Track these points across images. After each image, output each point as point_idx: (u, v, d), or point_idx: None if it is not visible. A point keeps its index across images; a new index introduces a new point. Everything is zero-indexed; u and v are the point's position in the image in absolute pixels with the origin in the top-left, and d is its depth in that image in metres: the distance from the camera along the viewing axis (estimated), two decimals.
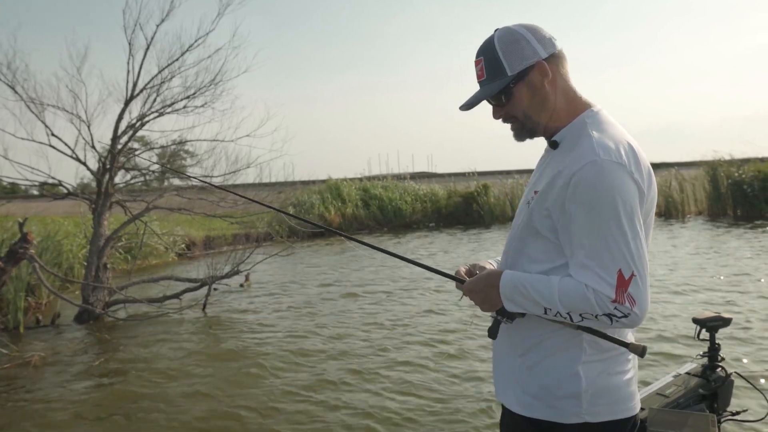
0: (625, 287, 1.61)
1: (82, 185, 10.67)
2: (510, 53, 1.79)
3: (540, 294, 1.70)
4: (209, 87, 10.07)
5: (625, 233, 1.62)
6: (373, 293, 10.08)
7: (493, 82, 1.83)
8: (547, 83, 1.81)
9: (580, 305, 1.64)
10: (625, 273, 1.61)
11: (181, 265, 14.57)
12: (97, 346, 7.65)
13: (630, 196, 1.63)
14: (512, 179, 23.67)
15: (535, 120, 1.84)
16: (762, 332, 6.82)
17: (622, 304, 1.61)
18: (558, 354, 1.78)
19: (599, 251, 1.63)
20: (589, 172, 1.63)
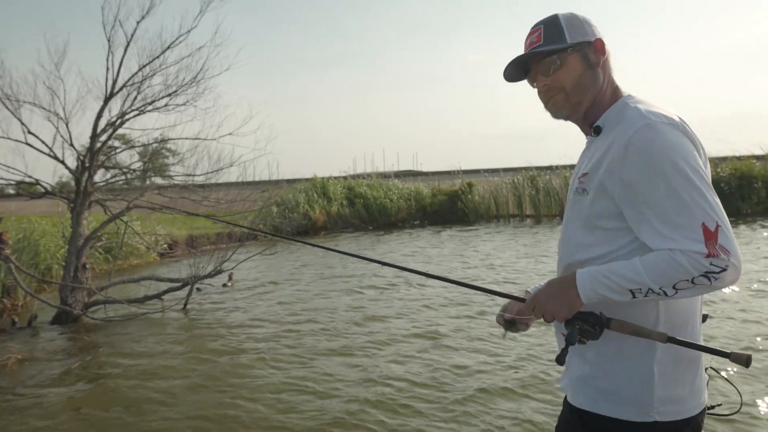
0: (714, 239, 1.53)
1: (61, 184, 10.48)
2: (572, 26, 1.82)
3: (624, 278, 1.61)
4: (191, 85, 9.92)
5: (697, 186, 1.56)
6: (356, 290, 10.01)
7: (551, 45, 1.82)
8: (602, 63, 1.83)
9: (672, 273, 1.55)
10: (709, 225, 1.53)
11: (163, 265, 14.42)
12: (76, 348, 7.51)
13: (690, 152, 1.59)
14: (497, 177, 23.69)
15: (583, 93, 1.83)
16: (735, 327, 6.84)
17: (717, 256, 1.52)
18: (631, 351, 1.72)
19: (676, 211, 1.56)
20: (644, 134, 1.60)
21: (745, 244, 12.84)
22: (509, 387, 5.44)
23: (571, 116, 1.88)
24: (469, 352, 6.52)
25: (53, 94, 9.28)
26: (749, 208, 19.28)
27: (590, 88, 1.82)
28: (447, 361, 6.27)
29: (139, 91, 9.61)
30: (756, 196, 19.46)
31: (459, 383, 5.63)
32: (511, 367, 5.95)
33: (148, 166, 11.19)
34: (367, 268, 12.44)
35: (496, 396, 5.28)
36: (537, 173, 22.54)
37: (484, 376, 5.77)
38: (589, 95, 1.83)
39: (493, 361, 6.18)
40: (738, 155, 21.31)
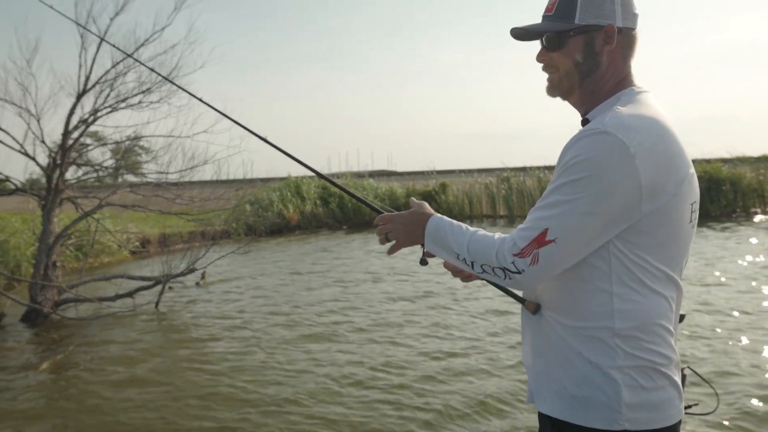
0: (539, 245, 1.52)
1: (31, 181, 10.38)
2: (590, 2, 1.66)
3: (455, 240, 1.69)
4: (165, 82, 9.86)
5: (581, 205, 1.49)
6: (331, 287, 10.03)
7: (556, 21, 1.70)
8: (606, 52, 1.68)
9: (483, 254, 1.61)
10: (549, 234, 1.51)
11: (135, 263, 14.31)
12: (45, 347, 7.44)
13: (615, 178, 1.47)
14: (471, 177, 23.82)
15: (577, 80, 1.72)
16: (712, 326, 6.97)
17: (523, 257, 1.53)
18: (590, 355, 1.60)
19: (542, 206, 1.56)
20: (585, 142, 1.51)
21: (725, 247, 13.06)
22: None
23: (564, 98, 1.79)
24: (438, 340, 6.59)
25: (25, 90, 9.20)
26: (717, 210, 19.66)
27: (587, 76, 1.70)
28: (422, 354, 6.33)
29: (112, 88, 9.54)
30: (724, 199, 19.87)
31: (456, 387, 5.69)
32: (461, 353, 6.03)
33: (120, 163, 11.13)
34: (342, 263, 12.47)
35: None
36: (511, 174, 22.72)
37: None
38: (584, 83, 1.71)
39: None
40: (707, 158, 21.72)
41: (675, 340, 1.67)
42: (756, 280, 9.48)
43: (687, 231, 1.64)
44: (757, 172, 20.68)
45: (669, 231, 1.58)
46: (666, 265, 1.60)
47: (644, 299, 1.57)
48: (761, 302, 8.11)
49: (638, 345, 1.57)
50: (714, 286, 9.18)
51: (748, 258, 11.49)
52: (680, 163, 1.59)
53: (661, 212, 1.54)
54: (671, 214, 1.57)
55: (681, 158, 1.59)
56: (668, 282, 1.62)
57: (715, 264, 11.00)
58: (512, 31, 1.77)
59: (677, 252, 1.63)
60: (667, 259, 1.60)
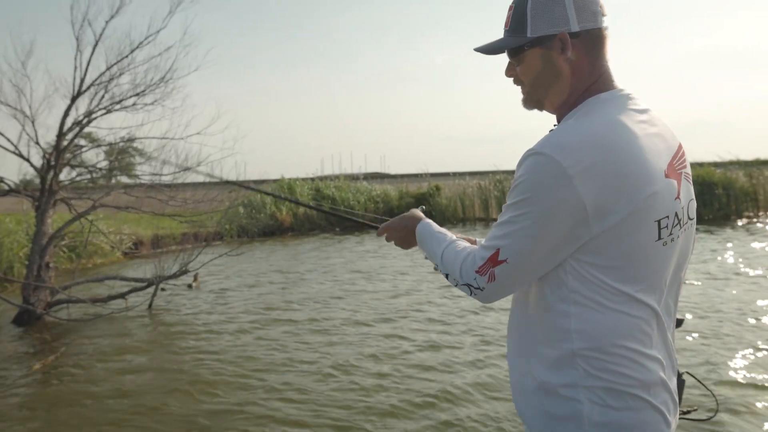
0: (493, 264, 1.56)
1: (25, 182, 10.40)
2: (539, 13, 1.61)
3: (433, 249, 1.84)
4: (159, 85, 9.92)
5: (524, 228, 1.50)
6: (324, 292, 10.06)
7: (512, 36, 1.67)
8: (564, 59, 1.62)
9: (451, 267, 1.70)
10: (501, 253, 1.54)
11: (128, 264, 14.31)
12: (38, 348, 7.46)
13: (554, 201, 1.45)
14: (464, 180, 23.92)
15: (542, 91, 1.68)
16: (711, 331, 7.03)
17: (482, 275, 1.58)
18: (554, 371, 1.57)
19: (498, 224, 1.58)
20: (525, 164, 1.51)
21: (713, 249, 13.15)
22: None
23: (540, 109, 1.75)
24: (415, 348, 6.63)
25: (19, 91, 9.25)
26: (710, 214, 19.83)
27: (551, 85, 1.65)
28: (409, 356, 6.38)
29: (106, 90, 9.60)
30: (717, 202, 20.04)
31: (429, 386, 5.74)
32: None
33: (114, 164, 11.15)
34: (331, 266, 12.51)
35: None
36: (503, 177, 22.82)
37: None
38: (552, 91, 1.67)
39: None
40: (700, 162, 21.89)
41: (660, 359, 1.58)
42: (756, 283, 9.58)
43: (656, 250, 1.54)
44: (750, 176, 20.87)
45: (626, 251, 1.50)
46: (627, 284, 1.52)
47: (603, 319, 1.51)
48: (760, 304, 8.20)
49: (601, 366, 1.51)
50: (711, 288, 9.25)
51: (742, 260, 11.59)
52: (638, 180, 1.48)
53: (614, 232, 1.48)
54: (627, 234, 1.49)
55: (639, 175, 1.48)
56: (633, 302, 1.53)
57: (710, 266, 11.09)
58: (476, 50, 1.75)
59: (644, 272, 1.54)
60: (628, 280, 1.52)
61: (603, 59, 1.64)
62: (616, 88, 1.64)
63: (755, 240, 14.70)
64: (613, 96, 1.61)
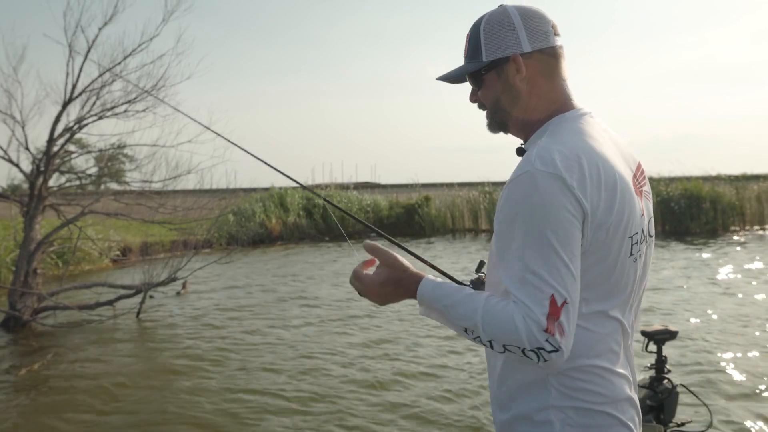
0: (557, 315, 1.37)
1: (13, 187, 10.38)
2: (491, 37, 1.64)
3: (461, 316, 1.49)
4: (151, 92, 9.90)
5: (560, 255, 1.39)
6: (311, 298, 10.04)
7: (469, 62, 1.70)
8: (520, 80, 1.63)
9: (506, 336, 1.41)
10: (557, 299, 1.38)
11: (116, 271, 14.26)
12: (23, 354, 7.42)
13: (566, 213, 1.41)
14: (454, 191, 23.98)
15: (504, 113, 1.69)
16: (704, 344, 7.07)
17: (553, 335, 1.36)
18: (526, 391, 1.56)
19: (530, 271, 1.40)
20: (521, 184, 1.44)
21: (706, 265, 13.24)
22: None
23: (505, 132, 1.75)
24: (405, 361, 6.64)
25: (10, 97, 9.24)
26: (698, 227, 20.00)
27: (512, 108, 1.67)
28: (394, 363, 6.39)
29: (98, 97, 9.58)
30: (704, 216, 20.23)
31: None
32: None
33: (103, 171, 11.12)
34: (321, 277, 12.50)
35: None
36: (492, 188, 22.91)
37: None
38: (512, 115, 1.68)
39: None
40: (687, 176, 22.07)
41: (627, 375, 1.60)
42: (745, 294, 9.69)
43: (628, 266, 1.56)
44: (737, 190, 21.03)
45: (607, 266, 1.51)
46: (603, 302, 1.53)
47: (578, 338, 1.47)
48: (752, 316, 8.27)
49: (573, 384, 1.51)
50: (703, 300, 9.31)
51: (730, 272, 11.68)
52: (620, 194, 1.50)
53: (600, 246, 1.48)
54: (609, 249, 1.50)
55: (620, 189, 1.51)
56: (606, 319, 1.54)
57: (702, 278, 11.17)
58: (439, 79, 1.78)
59: (618, 288, 1.56)
60: (604, 296, 1.53)
61: (560, 77, 1.67)
62: (576, 107, 1.66)
63: (746, 253, 14.81)
64: (576, 114, 1.63)
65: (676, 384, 3.32)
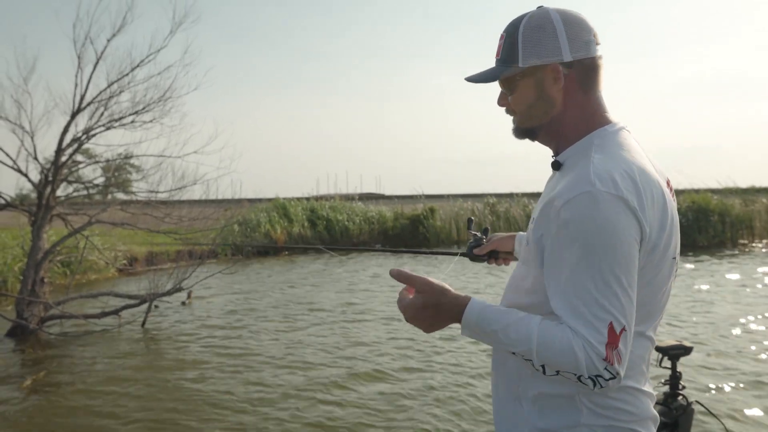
0: (615, 344, 1.35)
1: (22, 196, 10.44)
2: (529, 42, 1.56)
3: (513, 341, 1.43)
4: (158, 103, 10.00)
5: (620, 280, 1.36)
6: (319, 311, 10.05)
7: (503, 65, 1.62)
8: (556, 90, 1.57)
9: (563, 361, 1.38)
10: (616, 327, 1.35)
11: (122, 280, 14.29)
12: (30, 363, 7.45)
13: (628, 237, 1.37)
14: (459, 202, 23.99)
15: (535, 121, 1.63)
16: (720, 360, 6.99)
17: (612, 363, 1.35)
18: (554, 407, 1.52)
19: (588, 297, 1.37)
20: (581, 204, 1.38)
21: (710, 275, 13.20)
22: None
23: (531, 139, 1.69)
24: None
25: (20, 107, 9.33)
26: (705, 240, 19.83)
27: (542, 117, 1.61)
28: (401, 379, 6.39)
29: (106, 108, 9.67)
30: (712, 229, 20.08)
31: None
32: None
33: (110, 181, 11.19)
34: (327, 287, 12.52)
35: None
36: (497, 200, 22.90)
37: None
38: (544, 124, 1.62)
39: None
40: (696, 188, 21.98)
41: (652, 394, 1.59)
42: (761, 309, 9.63)
43: (667, 288, 1.56)
44: (745, 203, 20.94)
45: (652, 288, 1.50)
46: (644, 323, 1.52)
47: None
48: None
49: (605, 403, 1.49)
50: (718, 315, 9.28)
51: (742, 286, 11.64)
52: (667, 214, 1.48)
53: (650, 266, 1.46)
54: (658, 269, 1.48)
55: (668, 209, 1.49)
56: (641, 339, 1.53)
57: (715, 294, 11.13)
58: (468, 79, 1.69)
59: (657, 308, 1.55)
60: (646, 318, 1.52)
61: (596, 89, 1.61)
62: (613, 121, 1.62)
63: (756, 266, 14.75)
64: (617, 129, 1.58)
65: (691, 401, 3.30)
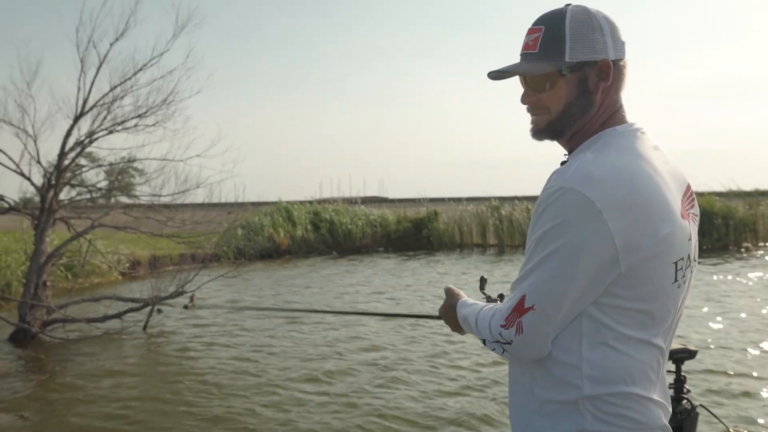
0: (519, 313, 1.44)
1: (25, 200, 10.45)
2: (579, 37, 1.51)
3: (472, 324, 1.66)
4: (161, 107, 10.00)
5: (554, 269, 1.40)
6: (320, 315, 10.03)
7: (543, 60, 1.55)
8: (602, 89, 1.55)
9: (483, 329, 1.57)
10: (526, 301, 1.43)
11: (125, 284, 14.30)
12: (32, 367, 7.45)
13: (583, 237, 1.37)
14: (462, 205, 23.97)
15: (570, 120, 1.58)
16: (724, 364, 6.97)
17: (507, 328, 1.46)
18: (558, 411, 1.52)
19: (522, 275, 1.47)
20: (552, 197, 1.41)
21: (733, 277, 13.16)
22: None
23: (553, 139, 1.64)
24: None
25: (23, 111, 9.33)
26: (709, 243, 19.75)
27: (580, 116, 1.57)
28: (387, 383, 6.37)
29: (109, 111, 9.69)
30: (717, 232, 20.03)
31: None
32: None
33: (113, 184, 11.20)
34: (332, 292, 12.51)
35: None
36: (500, 203, 22.88)
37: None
38: (577, 124, 1.58)
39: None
40: (699, 191, 21.90)
41: (662, 403, 1.57)
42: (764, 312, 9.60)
43: (672, 292, 1.51)
44: (749, 206, 20.88)
45: (647, 292, 1.46)
46: (644, 329, 1.49)
47: (616, 364, 1.46)
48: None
49: (610, 410, 1.47)
50: (723, 318, 9.25)
51: (745, 289, 11.60)
52: (660, 217, 1.44)
53: (638, 272, 1.43)
54: (649, 275, 1.45)
55: (662, 213, 1.44)
56: (646, 346, 1.50)
57: (720, 298, 11.09)
58: (494, 73, 1.65)
59: (660, 315, 1.51)
60: (645, 324, 1.49)
61: (622, 91, 1.61)
62: (629, 121, 1.59)
63: (761, 269, 14.71)
64: (629, 129, 1.56)
65: (695, 404, 3.28)
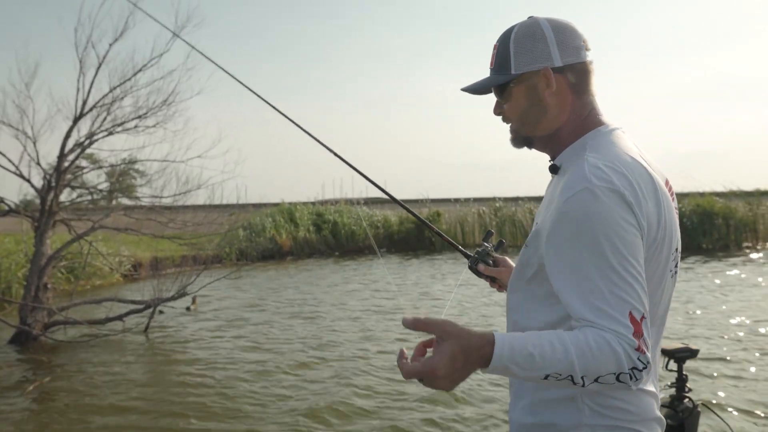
0: (640, 332, 1.32)
1: (25, 202, 10.41)
2: (521, 50, 1.61)
3: (549, 359, 1.31)
4: (161, 108, 9.96)
5: (630, 270, 1.35)
6: (321, 316, 10.00)
7: (498, 74, 1.66)
8: (549, 94, 1.60)
9: (603, 362, 1.30)
10: (636, 315, 1.32)
11: (126, 286, 14.27)
12: (33, 369, 7.41)
13: (631, 228, 1.38)
14: (464, 206, 23.95)
15: (529, 129, 1.66)
16: (726, 363, 6.96)
17: (644, 353, 1.31)
18: (558, 405, 1.52)
19: (602, 290, 1.34)
20: (581, 200, 1.39)
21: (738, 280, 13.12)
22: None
23: (529, 147, 1.72)
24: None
25: (22, 112, 9.31)
26: (710, 243, 19.80)
27: (538, 121, 1.63)
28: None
29: (108, 112, 9.65)
30: (717, 232, 20.04)
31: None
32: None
33: (114, 186, 11.17)
34: (332, 292, 12.47)
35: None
36: (503, 204, 22.86)
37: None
38: (539, 128, 1.64)
39: None
40: (700, 192, 21.90)
41: (655, 393, 1.58)
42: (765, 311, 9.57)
43: (667, 281, 1.55)
44: (750, 206, 20.88)
45: (651, 283, 1.46)
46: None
47: None
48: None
49: (606, 403, 1.48)
50: (722, 317, 9.21)
51: (745, 288, 11.57)
52: (664, 208, 1.49)
53: (648, 260, 1.44)
54: (657, 264, 1.48)
55: (664, 203, 1.50)
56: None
57: (721, 298, 11.06)
58: (464, 90, 1.74)
59: (656, 304, 1.53)
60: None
61: (589, 93, 1.64)
62: (606, 123, 1.63)
63: (760, 269, 14.67)
64: (612, 129, 1.60)
65: (697, 403, 3.26)
